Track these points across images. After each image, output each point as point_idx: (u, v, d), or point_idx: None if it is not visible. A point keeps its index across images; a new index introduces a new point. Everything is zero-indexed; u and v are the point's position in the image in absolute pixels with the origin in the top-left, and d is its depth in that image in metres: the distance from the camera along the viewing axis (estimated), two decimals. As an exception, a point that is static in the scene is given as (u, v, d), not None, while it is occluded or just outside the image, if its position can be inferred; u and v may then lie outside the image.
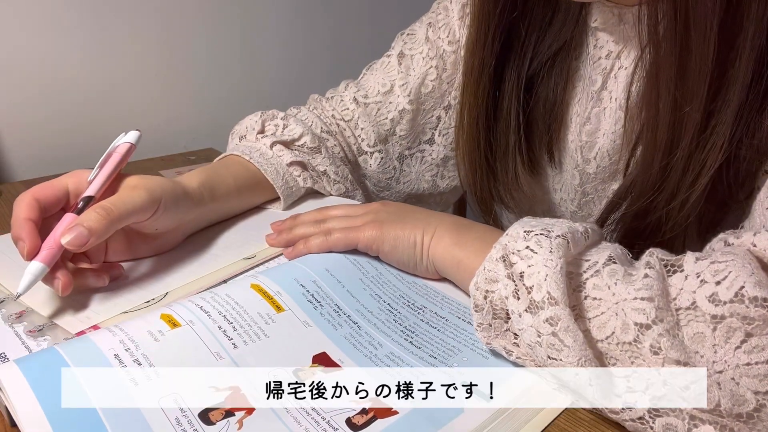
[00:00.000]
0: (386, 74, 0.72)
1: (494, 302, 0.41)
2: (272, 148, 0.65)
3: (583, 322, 0.37)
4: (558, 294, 0.36)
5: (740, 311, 0.33)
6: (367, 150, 0.73)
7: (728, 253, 0.36)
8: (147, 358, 0.38)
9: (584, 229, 0.41)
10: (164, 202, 0.50)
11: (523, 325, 0.38)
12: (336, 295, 0.48)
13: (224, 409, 0.36)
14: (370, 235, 0.51)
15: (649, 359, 0.34)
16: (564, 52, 0.59)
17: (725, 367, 0.33)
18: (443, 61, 0.70)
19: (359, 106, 0.72)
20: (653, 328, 0.34)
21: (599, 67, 0.58)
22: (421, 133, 0.73)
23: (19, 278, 0.45)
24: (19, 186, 0.83)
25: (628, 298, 0.36)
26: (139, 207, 0.48)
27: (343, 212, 0.56)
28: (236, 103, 1.19)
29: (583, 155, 0.61)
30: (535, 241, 0.39)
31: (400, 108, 0.71)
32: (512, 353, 0.41)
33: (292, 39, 1.26)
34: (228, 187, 0.60)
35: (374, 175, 0.74)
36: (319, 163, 0.67)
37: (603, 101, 0.58)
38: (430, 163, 0.75)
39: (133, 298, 0.48)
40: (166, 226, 0.53)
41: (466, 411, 0.38)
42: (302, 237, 0.54)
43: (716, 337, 0.33)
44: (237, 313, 0.43)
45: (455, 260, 0.48)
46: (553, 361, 0.37)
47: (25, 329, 0.44)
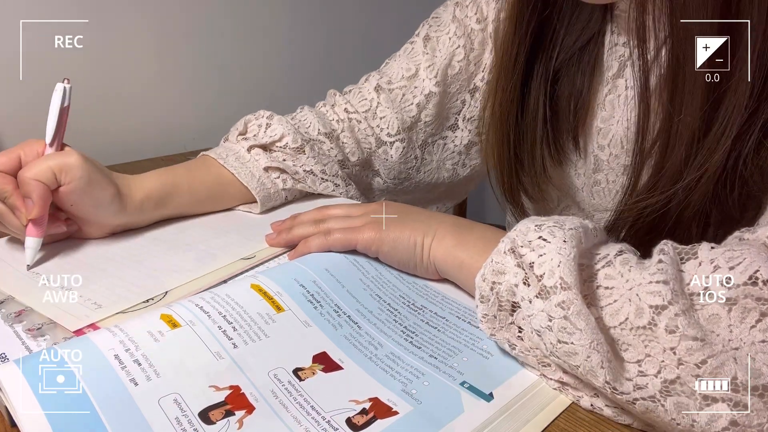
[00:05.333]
0: (411, 59, 0.71)
1: (500, 293, 0.41)
2: (249, 151, 0.65)
3: (595, 310, 0.38)
4: (571, 280, 0.37)
5: (754, 293, 0.34)
6: (387, 140, 0.72)
7: (743, 243, 0.37)
8: (147, 359, 0.38)
9: (594, 227, 0.42)
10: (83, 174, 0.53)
11: (533, 310, 0.38)
12: (336, 296, 0.48)
13: (224, 409, 0.36)
14: (370, 237, 0.51)
15: (665, 339, 0.35)
16: (591, 44, 0.59)
17: (741, 344, 0.33)
18: (471, 40, 0.69)
19: (381, 93, 0.71)
20: (669, 308, 0.35)
21: (616, 53, 0.58)
22: (445, 118, 0.72)
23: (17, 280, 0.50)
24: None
25: (643, 283, 0.36)
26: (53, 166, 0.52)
27: (343, 212, 0.56)
28: (236, 103, 1.19)
29: (599, 141, 0.61)
30: (548, 232, 0.40)
31: (426, 92, 0.70)
32: (515, 347, 0.41)
33: (292, 39, 1.26)
34: (180, 200, 0.61)
35: (394, 166, 0.73)
36: (304, 163, 0.66)
37: (618, 88, 0.58)
38: (452, 151, 0.74)
39: (133, 297, 0.48)
40: (81, 205, 0.54)
41: (466, 411, 0.38)
42: (301, 237, 0.54)
43: (731, 318, 0.34)
44: (237, 314, 0.43)
45: (457, 261, 0.48)
46: (563, 345, 0.37)
47: (24, 328, 0.44)
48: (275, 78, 1.25)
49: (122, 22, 1.03)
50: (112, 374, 0.36)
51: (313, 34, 1.29)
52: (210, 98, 1.17)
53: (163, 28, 1.08)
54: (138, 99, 1.08)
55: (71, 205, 0.54)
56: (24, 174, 0.51)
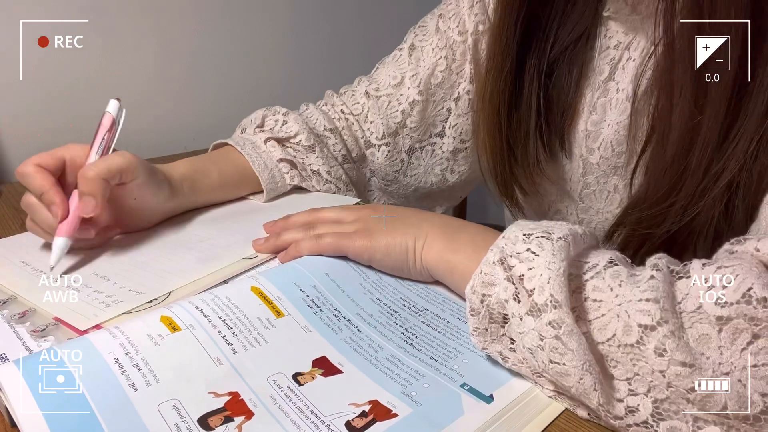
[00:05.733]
0: (397, 67, 0.73)
1: (491, 306, 0.40)
2: (266, 143, 0.68)
3: (584, 324, 0.37)
4: (561, 297, 0.36)
5: (747, 312, 0.32)
6: (375, 143, 0.74)
7: (734, 258, 0.36)
8: (147, 363, 0.38)
9: (583, 232, 0.41)
10: (143, 168, 0.56)
11: (524, 328, 0.38)
12: (336, 300, 0.48)
13: (223, 415, 0.36)
14: (361, 245, 0.51)
15: (653, 361, 0.34)
16: (581, 41, 0.59)
17: (732, 369, 0.32)
18: (453, 51, 0.70)
19: (370, 99, 0.73)
20: (658, 329, 0.34)
21: (607, 56, 0.58)
22: (431, 125, 0.74)
23: (21, 278, 0.51)
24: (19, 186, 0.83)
25: (633, 300, 0.35)
26: (117, 165, 0.54)
27: (334, 216, 0.56)
28: (236, 103, 1.19)
29: (588, 145, 0.60)
30: (536, 244, 0.39)
31: (410, 99, 0.72)
32: (508, 359, 0.41)
33: (292, 39, 1.25)
34: (210, 182, 0.65)
35: (382, 168, 0.75)
36: (312, 162, 0.69)
37: (610, 92, 0.58)
38: (440, 157, 0.75)
39: (136, 298, 0.48)
40: (143, 197, 0.57)
41: (466, 413, 0.38)
42: (291, 243, 0.54)
43: (722, 339, 0.33)
44: (237, 318, 0.43)
45: (449, 266, 0.48)
46: (555, 365, 0.37)
47: (28, 329, 0.44)
48: (275, 78, 1.25)
49: (122, 22, 1.03)
50: (112, 378, 0.36)
51: (314, 35, 1.28)
52: (210, 98, 1.17)
53: (163, 28, 1.08)
54: (138, 99, 1.08)
55: (134, 199, 0.57)
56: (87, 172, 0.52)
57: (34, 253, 0.56)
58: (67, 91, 1.01)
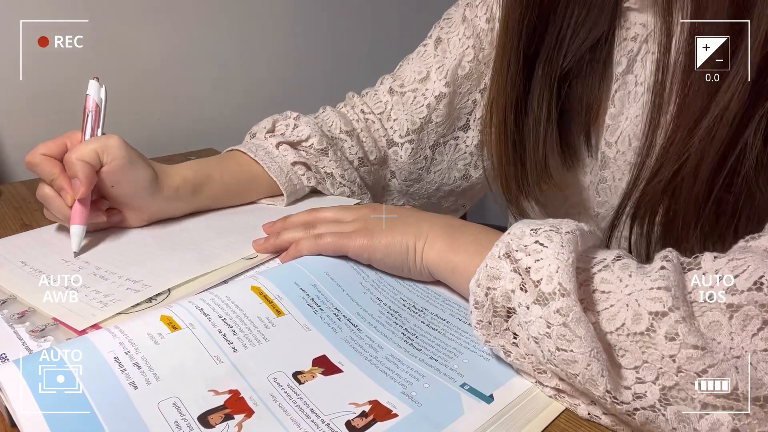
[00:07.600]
0: (423, 62, 0.72)
1: (495, 299, 0.40)
2: (278, 147, 0.68)
3: (592, 314, 0.37)
4: (570, 286, 0.36)
5: (758, 299, 0.33)
6: (398, 141, 0.73)
7: (746, 251, 0.36)
8: (147, 362, 0.38)
9: (589, 229, 0.41)
10: (121, 151, 0.57)
11: (530, 317, 0.38)
12: (336, 299, 0.48)
13: (223, 413, 0.36)
14: (361, 244, 0.51)
15: (663, 347, 0.34)
16: (602, 42, 0.58)
17: (742, 353, 0.33)
18: (480, 40, 0.69)
19: (394, 96, 0.73)
20: (670, 315, 0.34)
21: (625, 48, 0.57)
22: (456, 119, 0.73)
23: (20, 278, 0.51)
24: (19, 186, 0.83)
25: (644, 288, 0.36)
26: (93, 146, 0.55)
27: (334, 216, 0.56)
28: (236, 103, 1.19)
29: (606, 138, 0.60)
30: (545, 236, 0.39)
31: (436, 93, 0.71)
32: (510, 354, 0.41)
33: (292, 40, 1.25)
34: (214, 188, 0.65)
35: (405, 167, 0.75)
36: (326, 165, 0.69)
37: (628, 84, 0.57)
38: (463, 151, 0.74)
39: (136, 297, 0.48)
40: (120, 182, 0.57)
41: (466, 413, 0.38)
42: (290, 242, 0.54)
43: (733, 325, 0.33)
44: (237, 317, 0.43)
45: (450, 265, 0.48)
46: (562, 352, 0.37)
47: (27, 329, 0.44)
48: (275, 78, 1.25)
49: (122, 22, 1.03)
50: (112, 377, 0.36)
51: (315, 35, 1.28)
52: (210, 98, 1.17)
53: (163, 28, 1.08)
54: (138, 99, 1.08)
55: (112, 186, 0.57)
56: (70, 156, 0.55)
57: (34, 254, 0.56)
58: (67, 91, 1.01)
